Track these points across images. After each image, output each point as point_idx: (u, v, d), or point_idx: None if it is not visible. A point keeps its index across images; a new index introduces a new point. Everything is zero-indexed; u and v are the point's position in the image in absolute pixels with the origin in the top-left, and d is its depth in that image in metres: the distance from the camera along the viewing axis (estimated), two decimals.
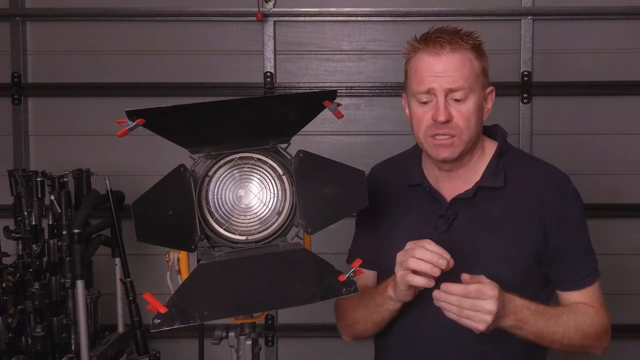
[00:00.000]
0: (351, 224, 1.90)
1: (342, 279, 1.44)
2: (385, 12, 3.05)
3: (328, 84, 3.06)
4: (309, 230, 1.48)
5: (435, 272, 1.47)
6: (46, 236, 2.38)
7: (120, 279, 2.61)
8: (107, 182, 2.54)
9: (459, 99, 1.61)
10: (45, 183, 2.53)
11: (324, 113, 1.45)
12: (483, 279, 1.50)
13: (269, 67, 3.05)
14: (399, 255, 1.54)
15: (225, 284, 1.42)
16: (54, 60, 3.10)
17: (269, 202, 1.48)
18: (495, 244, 1.66)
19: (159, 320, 1.36)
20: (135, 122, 1.30)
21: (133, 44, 3.09)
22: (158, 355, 2.55)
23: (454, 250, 1.53)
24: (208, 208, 1.47)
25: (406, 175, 1.79)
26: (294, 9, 3.05)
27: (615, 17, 3.03)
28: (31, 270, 2.31)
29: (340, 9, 3.05)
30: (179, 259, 1.52)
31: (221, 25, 3.08)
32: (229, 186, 1.48)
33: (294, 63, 3.09)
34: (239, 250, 1.47)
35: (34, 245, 2.34)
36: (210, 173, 1.47)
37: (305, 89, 3.04)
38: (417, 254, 1.48)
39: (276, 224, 1.49)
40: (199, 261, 1.45)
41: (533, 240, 1.67)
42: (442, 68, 1.60)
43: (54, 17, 3.09)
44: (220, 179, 1.47)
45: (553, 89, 3.04)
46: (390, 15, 3.05)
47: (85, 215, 2.40)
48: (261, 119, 1.44)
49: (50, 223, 2.36)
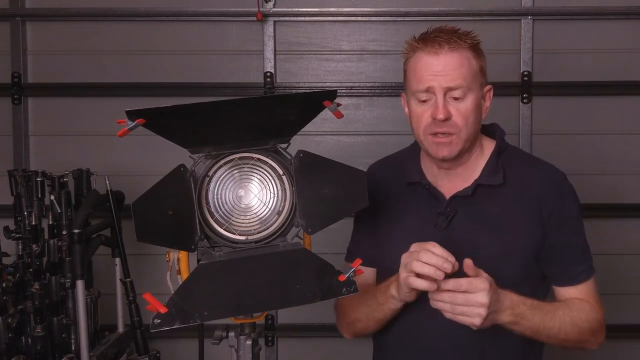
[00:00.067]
0: (351, 223, 1.90)
1: (342, 279, 1.44)
2: (385, 12, 3.05)
3: (328, 84, 3.06)
4: (309, 230, 1.48)
5: (439, 276, 1.47)
6: (46, 236, 2.38)
7: (120, 279, 2.61)
8: (107, 182, 2.54)
9: (457, 97, 1.62)
10: (45, 183, 2.53)
11: (324, 113, 1.45)
12: (481, 273, 1.50)
13: (269, 67, 3.05)
14: (404, 257, 1.54)
15: (225, 284, 1.42)
16: (54, 60, 3.10)
17: (269, 202, 1.48)
18: (494, 241, 1.67)
19: (159, 320, 1.36)
20: (135, 122, 1.30)
21: (133, 44, 3.09)
22: (158, 355, 2.55)
23: (453, 247, 1.53)
24: (208, 208, 1.47)
25: (404, 173, 1.79)
26: (294, 9, 3.05)
27: (615, 17, 3.03)
28: (31, 270, 2.31)
29: (340, 9, 3.05)
30: (179, 259, 1.51)
31: (221, 25, 3.08)
32: (229, 186, 1.48)
33: (294, 63, 3.09)
34: (239, 250, 1.47)
35: (34, 245, 2.34)
36: (210, 173, 1.47)
37: (305, 89, 3.04)
38: (423, 258, 1.48)
39: (276, 224, 1.49)
40: (199, 261, 1.45)
41: (531, 238, 1.68)
42: (441, 67, 1.61)
43: (54, 17, 3.09)
44: (220, 179, 1.47)
45: (553, 89, 3.04)
46: (390, 15, 3.05)
47: (85, 215, 2.40)
48: (261, 119, 1.44)
49: (50, 223, 2.36)
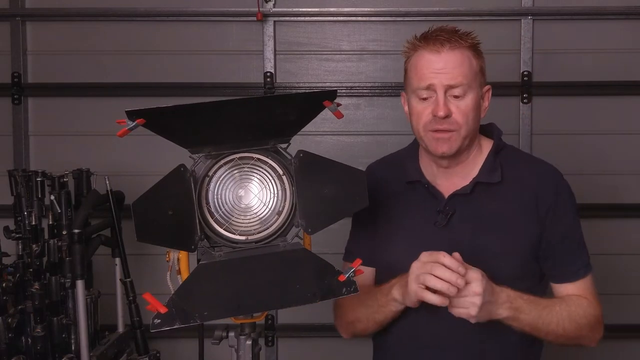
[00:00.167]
0: (351, 223, 1.89)
1: (342, 279, 1.44)
2: (385, 12, 3.05)
3: (328, 84, 3.06)
4: (309, 230, 1.48)
5: (452, 292, 1.48)
6: (46, 236, 2.38)
7: (120, 279, 2.61)
8: (107, 182, 2.54)
9: (457, 95, 1.64)
10: (45, 183, 2.53)
11: (324, 113, 1.45)
12: (470, 266, 1.52)
13: (269, 67, 3.05)
14: (415, 267, 1.54)
15: (225, 284, 1.42)
16: (54, 60, 3.10)
17: (269, 202, 1.48)
18: (492, 239, 1.68)
19: (159, 320, 1.36)
20: (135, 122, 1.30)
21: (133, 44, 3.08)
22: (158, 355, 2.55)
23: (452, 245, 1.55)
24: (208, 208, 1.47)
25: (403, 172, 1.80)
26: (294, 9, 3.04)
27: (615, 17, 3.03)
28: (31, 270, 2.31)
29: (340, 9, 3.05)
30: (179, 259, 1.52)
31: (221, 25, 3.07)
32: (229, 186, 1.48)
33: (294, 63, 3.09)
34: (239, 250, 1.47)
35: (34, 245, 2.34)
36: (210, 173, 1.47)
37: (305, 89, 3.04)
38: (437, 272, 1.49)
39: (276, 224, 1.49)
40: (199, 261, 1.45)
41: (529, 235, 1.70)
42: (442, 65, 1.63)
43: (54, 17, 3.09)
44: (220, 179, 1.47)
45: (553, 89, 3.04)
46: (390, 15, 3.05)
47: (85, 215, 2.40)
48: (261, 119, 1.44)
49: (50, 223, 2.36)
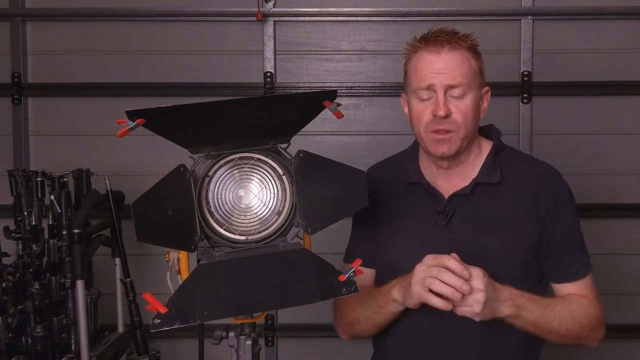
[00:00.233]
0: (351, 224, 1.90)
1: (342, 279, 1.44)
2: (385, 12, 3.05)
3: (328, 84, 3.06)
4: (309, 230, 1.48)
5: (457, 298, 1.48)
6: (46, 236, 2.38)
7: (120, 279, 2.60)
8: (107, 182, 2.54)
9: (457, 95, 1.65)
10: (45, 183, 2.52)
11: (324, 113, 1.45)
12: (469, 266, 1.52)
13: (269, 67, 3.05)
14: (420, 270, 1.54)
15: (225, 284, 1.42)
16: (54, 60, 3.10)
17: (269, 202, 1.48)
18: (492, 239, 1.68)
19: (159, 320, 1.36)
20: (135, 122, 1.30)
21: (133, 44, 3.08)
22: (158, 355, 2.55)
23: (452, 246, 1.55)
24: (208, 208, 1.47)
25: (403, 173, 1.80)
26: (294, 9, 3.04)
27: (615, 17, 3.03)
28: (31, 270, 2.31)
29: (340, 9, 3.05)
30: (179, 259, 1.52)
31: (221, 25, 3.07)
32: (229, 186, 1.48)
33: (294, 63, 3.09)
34: (239, 250, 1.47)
35: (34, 245, 2.34)
36: (210, 173, 1.47)
37: (305, 89, 3.04)
38: (442, 277, 1.49)
39: (276, 224, 1.49)
40: (199, 261, 1.45)
41: (529, 236, 1.70)
42: (442, 65, 1.64)
43: (54, 17, 3.09)
44: (220, 179, 1.47)
45: (553, 89, 3.04)
46: (390, 15, 3.05)
47: (85, 215, 2.40)
48: (261, 119, 1.44)
49: (50, 223, 2.36)
